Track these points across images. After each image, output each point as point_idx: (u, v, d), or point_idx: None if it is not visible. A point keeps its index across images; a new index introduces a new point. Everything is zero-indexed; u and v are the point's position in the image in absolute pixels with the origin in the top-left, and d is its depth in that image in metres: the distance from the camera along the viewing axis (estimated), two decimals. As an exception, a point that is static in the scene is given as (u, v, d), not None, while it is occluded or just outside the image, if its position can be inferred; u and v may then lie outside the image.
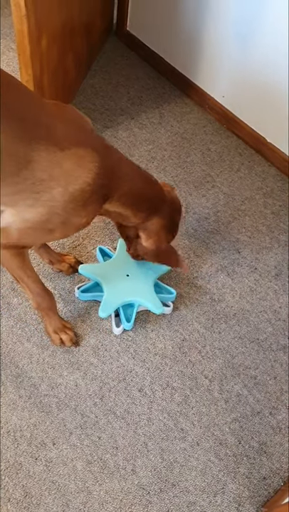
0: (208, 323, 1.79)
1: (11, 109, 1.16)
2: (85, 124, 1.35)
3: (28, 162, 1.19)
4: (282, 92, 1.97)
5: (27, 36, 1.61)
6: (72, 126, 1.28)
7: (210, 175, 2.15)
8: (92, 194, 1.28)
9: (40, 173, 1.20)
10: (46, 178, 1.21)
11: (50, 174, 1.21)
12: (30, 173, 1.20)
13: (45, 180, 1.22)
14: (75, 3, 1.93)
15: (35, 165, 1.19)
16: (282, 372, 1.73)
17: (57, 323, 1.65)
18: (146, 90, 2.35)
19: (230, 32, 2.00)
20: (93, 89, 2.31)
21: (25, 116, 1.19)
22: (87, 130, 1.34)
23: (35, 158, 1.19)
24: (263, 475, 1.57)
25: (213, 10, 2.00)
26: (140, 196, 1.46)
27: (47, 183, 1.22)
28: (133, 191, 1.43)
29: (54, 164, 1.21)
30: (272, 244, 2.00)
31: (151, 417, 1.61)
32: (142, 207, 1.47)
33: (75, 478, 1.50)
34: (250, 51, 1.99)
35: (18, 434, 1.55)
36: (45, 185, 1.22)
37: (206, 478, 1.54)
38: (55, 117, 1.25)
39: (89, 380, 1.65)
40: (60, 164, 1.21)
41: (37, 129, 1.20)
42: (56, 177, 1.22)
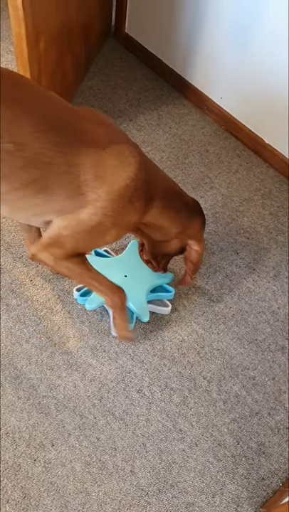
0: (206, 324, 1.80)
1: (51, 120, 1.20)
2: (116, 126, 1.39)
3: (72, 166, 1.21)
4: (280, 93, 1.97)
5: (25, 39, 1.62)
6: (106, 127, 1.31)
7: (208, 176, 2.15)
8: (136, 190, 1.29)
9: (85, 174, 1.23)
10: (91, 179, 1.24)
11: (94, 174, 1.23)
12: (76, 177, 1.22)
13: (89, 181, 1.24)
14: (73, 5, 1.93)
15: (80, 168, 1.22)
16: (280, 372, 1.73)
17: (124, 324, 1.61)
18: (144, 92, 2.36)
19: (228, 33, 2.01)
20: (91, 91, 2.32)
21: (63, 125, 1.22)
22: (119, 130, 1.38)
23: (77, 161, 1.21)
24: (261, 475, 1.57)
25: (211, 12, 2.01)
26: (177, 194, 1.47)
27: (92, 183, 1.24)
28: (170, 190, 1.45)
29: (97, 164, 1.24)
30: (270, 245, 2.00)
31: (150, 418, 1.61)
32: (180, 207, 1.46)
33: (74, 480, 1.51)
34: (248, 53, 1.99)
35: (16, 435, 1.55)
36: (90, 185, 1.24)
37: (205, 479, 1.54)
38: (89, 121, 1.28)
39: (88, 381, 1.65)
40: (104, 163, 1.24)
41: (76, 134, 1.23)
42: (101, 176, 1.24)
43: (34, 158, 1.17)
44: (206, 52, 2.16)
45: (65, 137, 1.21)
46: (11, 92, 1.17)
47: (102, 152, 1.24)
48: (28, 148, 1.16)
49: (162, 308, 1.76)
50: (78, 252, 1.39)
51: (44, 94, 1.26)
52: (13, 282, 1.78)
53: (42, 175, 1.20)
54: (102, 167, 1.24)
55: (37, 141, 1.16)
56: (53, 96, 1.29)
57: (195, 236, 1.53)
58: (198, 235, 1.53)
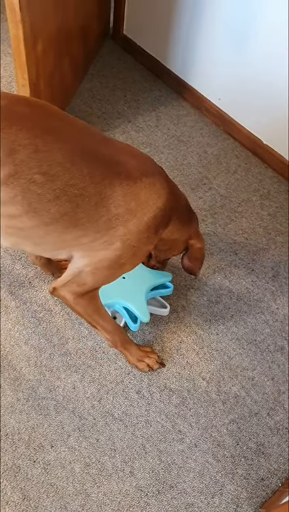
0: (205, 325, 1.80)
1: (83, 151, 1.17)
2: (147, 156, 1.37)
3: (104, 199, 1.19)
4: (278, 94, 1.97)
5: (22, 41, 1.62)
6: (138, 159, 1.30)
7: (207, 177, 2.15)
8: (162, 218, 1.30)
9: (116, 208, 1.21)
10: (122, 212, 1.22)
11: (126, 208, 1.22)
12: (107, 211, 1.21)
13: (120, 215, 1.22)
14: (71, 7, 1.94)
15: (111, 201, 1.20)
16: (279, 373, 1.74)
17: (137, 352, 1.65)
18: (142, 93, 2.36)
19: (226, 35, 2.01)
20: (90, 93, 2.33)
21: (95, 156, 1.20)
22: (151, 160, 1.36)
23: (109, 193, 1.19)
24: (261, 476, 1.57)
25: (208, 13, 2.01)
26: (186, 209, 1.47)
27: (123, 216, 1.23)
28: (184, 206, 1.45)
29: (129, 197, 1.22)
30: (269, 246, 2.00)
31: (149, 419, 1.61)
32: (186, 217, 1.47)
33: (73, 481, 1.51)
34: (246, 54, 2.00)
35: (16, 436, 1.55)
36: (121, 219, 1.23)
37: (204, 480, 1.55)
38: (122, 153, 1.27)
39: (87, 383, 1.65)
40: (136, 196, 1.23)
41: (108, 165, 1.21)
42: (132, 209, 1.23)
43: (65, 190, 1.14)
44: (204, 53, 2.16)
45: (96, 168, 1.18)
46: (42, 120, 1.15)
47: (133, 185, 1.23)
48: (58, 180, 1.13)
49: (161, 309, 1.76)
50: (97, 287, 1.38)
51: (77, 125, 1.25)
52: (11, 284, 1.78)
53: (73, 208, 1.17)
54: (134, 200, 1.23)
55: (67, 172, 1.13)
56: (87, 126, 1.28)
57: (196, 234, 1.53)
58: (196, 233, 1.53)
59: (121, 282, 1.69)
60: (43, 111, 1.20)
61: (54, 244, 1.28)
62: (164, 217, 1.32)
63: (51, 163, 1.12)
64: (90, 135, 1.26)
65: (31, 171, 1.10)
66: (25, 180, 1.11)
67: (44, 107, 1.22)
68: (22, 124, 1.10)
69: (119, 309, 1.69)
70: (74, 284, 1.35)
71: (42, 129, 1.13)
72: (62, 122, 1.21)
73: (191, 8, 2.06)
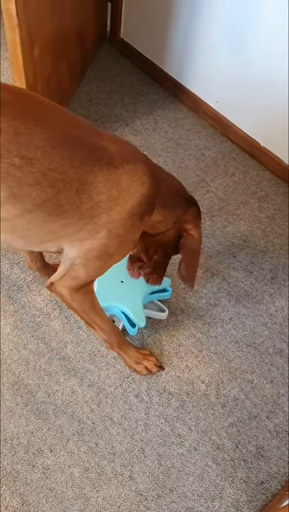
0: (204, 328, 1.80)
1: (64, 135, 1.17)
2: (131, 144, 1.37)
3: (85, 184, 1.18)
4: (275, 96, 1.98)
5: (19, 45, 1.63)
6: (121, 146, 1.29)
7: (204, 180, 2.16)
8: (146, 206, 1.28)
9: (98, 195, 1.20)
10: (104, 200, 1.21)
11: (108, 195, 1.21)
12: (88, 197, 1.19)
13: (102, 202, 1.21)
14: (68, 11, 1.94)
15: (92, 187, 1.19)
16: (278, 375, 1.73)
17: (135, 354, 1.64)
18: (140, 97, 2.36)
19: (223, 38, 2.01)
20: (87, 97, 2.33)
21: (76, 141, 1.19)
22: (134, 148, 1.36)
23: (90, 180, 1.18)
24: (260, 479, 1.57)
25: (205, 16, 2.02)
26: (176, 193, 1.45)
27: (105, 203, 1.21)
28: (171, 189, 1.43)
29: (111, 184, 1.21)
30: (267, 248, 2.00)
31: (148, 422, 1.61)
32: (179, 201, 1.46)
33: (73, 485, 1.50)
34: (243, 56, 2.00)
35: (15, 441, 1.55)
36: (103, 206, 1.21)
37: (204, 483, 1.54)
38: (104, 139, 1.26)
39: (86, 387, 1.65)
40: (117, 182, 1.22)
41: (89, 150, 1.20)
42: (114, 196, 1.22)
43: (45, 174, 1.13)
44: (201, 56, 2.16)
45: (77, 152, 1.17)
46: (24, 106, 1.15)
47: (114, 171, 1.21)
48: (38, 163, 1.12)
49: (159, 313, 1.76)
50: (91, 279, 1.37)
51: (60, 112, 1.24)
52: (10, 288, 1.78)
53: (55, 193, 1.16)
54: (115, 187, 1.22)
55: (47, 155, 1.13)
56: (71, 114, 1.27)
57: (191, 220, 1.48)
58: (194, 220, 1.49)
59: (119, 286, 1.69)
60: (27, 98, 1.20)
61: (40, 236, 1.27)
62: (149, 205, 1.30)
63: (30, 146, 1.11)
64: (73, 122, 1.26)
65: (10, 155, 1.10)
66: (4, 164, 1.10)
67: (28, 94, 1.23)
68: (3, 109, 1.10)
69: (118, 313, 1.69)
70: (68, 278, 1.35)
71: (23, 113, 1.13)
72: (46, 109, 1.21)
73: (188, 12, 2.06)
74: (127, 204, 1.24)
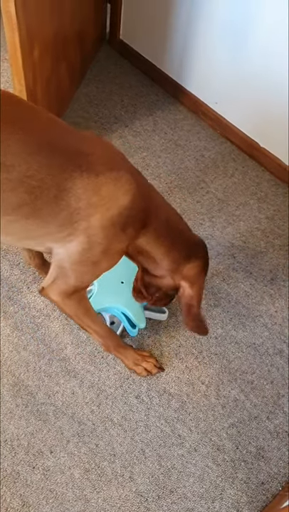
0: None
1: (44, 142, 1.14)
2: (118, 151, 1.33)
3: (63, 191, 1.16)
4: (274, 97, 1.98)
5: (19, 47, 1.63)
6: (105, 152, 1.25)
7: (204, 181, 2.16)
8: (129, 217, 1.24)
9: (78, 202, 1.17)
10: (84, 206, 1.18)
11: (87, 202, 1.18)
12: (67, 204, 1.17)
13: (82, 209, 1.18)
14: (67, 12, 1.94)
15: (71, 194, 1.17)
16: (278, 376, 1.73)
17: (133, 355, 1.64)
18: (139, 98, 2.37)
19: (222, 39, 2.02)
20: (87, 98, 2.33)
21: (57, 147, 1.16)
22: (120, 156, 1.32)
23: (69, 186, 1.16)
24: (261, 480, 1.56)
25: (205, 17, 2.02)
26: (177, 230, 1.38)
27: (84, 210, 1.19)
28: (170, 222, 1.37)
29: (90, 191, 1.18)
30: (267, 249, 2.00)
31: (149, 423, 1.61)
32: (178, 243, 1.38)
33: (73, 487, 1.50)
34: (242, 58, 2.00)
35: (15, 442, 1.55)
36: (82, 213, 1.19)
37: (204, 484, 1.54)
38: (88, 145, 1.23)
39: (86, 388, 1.65)
40: (98, 190, 1.18)
41: (70, 157, 1.17)
42: (93, 204, 1.19)
43: (22, 180, 1.12)
44: (200, 57, 2.17)
45: (56, 159, 1.15)
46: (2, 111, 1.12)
47: (95, 178, 1.18)
48: (15, 170, 1.11)
49: (159, 314, 1.76)
50: (80, 285, 1.36)
51: (41, 116, 1.21)
52: (10, 289, 1.78)
53: (31, 200, 1.14)
54: (96, 195, 1.18)
55: (24, 162, 1.11)
56: (53, 118, 1.24)
57: (190, 277, 1.40)
58: (194, 278, 1.41)
59: (119, 287, 1.69)
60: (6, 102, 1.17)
61: (22, 236, 1.26)
62: (132, 217, 1.24)
63: (7, 154, 1.10)
64: (55, 126, 1.23)
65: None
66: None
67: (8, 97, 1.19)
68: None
69: (118, 314, 1.69)
70: (59, 283, 1.34)
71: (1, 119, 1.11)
72: (25, 113, 1.19)
73: (187, 13, 2.06)
74: (108, 212, 1.20)
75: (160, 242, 1.36)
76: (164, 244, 1.36)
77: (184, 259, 1.39)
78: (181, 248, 1.39)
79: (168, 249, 1.37)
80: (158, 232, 1.34)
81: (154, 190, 1.39)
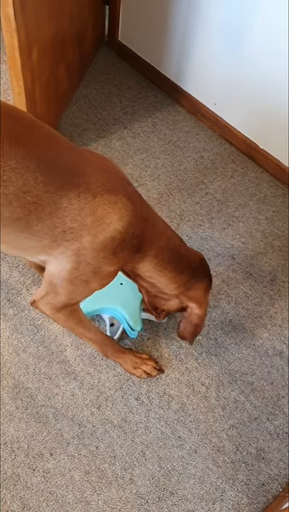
0: (203, 330, 1.80)
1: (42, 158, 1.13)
2: (120, 173, 1.31)
3: (58, 209, 1.15)
4: (273, 99, 1.98)
5: (17, 49, 1.62)
6: (106, 174, 1.24)
7: (203, 182, 2.16)
8: (122, 242, 1.23)
9: (72, 221, 1.17)
10: (77, 227, 1.18)
11: (81, 223, 1.17)
12: (61, 222, 1.17)
13: (75, 229, 1.18)
14: (66, 14, 1.95)
15: (67, 213, 1.16)
16: (278, 377, 1.73)
17: (131, 359, 1.64)
18: (138, 99, 2.37)
19: (221, 40, 2.02)
20: (86, 100, 2.33)
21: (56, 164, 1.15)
22: (121, 179, 1.30)
23: (64, 205, 1.15)
24: (261, 481, 1.56)
25: (203, 19, 2.02)
26: (179, 255, 1.37)
27: (77, 231, 1.18)
28: (171, 247, 1.35)
29: (86, 212, 1.17)
30: (266, 250, 2.00)
31: (149, 425, 1.61)
32: (181, 268, 1.37)
33: (73, 489, 1.50)
34: (240, 59, 2.00)
35: (15, 445, 1.54)
36: (75, 233, 1.18)
37: (205, 486, 1.54)
38: (88, 165, 1.21)
39: (86, 390, 1.65)
40: (92, 211, 1.17)
41: (68, 175, 1.16)
42: (87, 225, 1.18)
43: (18, 196, 1.11)
44: (199, 58, 2.17)
45: (53, 177, 1.14)
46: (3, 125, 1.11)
47: (92, 199, 1.17)
48: (11, 185, 1.10)
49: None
50: (71, 301, 1.36)
51: (42, 131, 1.20)
52: (9, 292, 1.78)
53: (25, 214, 1.14)
54: (91, 216, 1.17)
55: (21, 178, 1.11)
56: (54, 134, 1.23)
57: (197, 299, 1.42)
58: (200, 298, 1.43)
59: (117, 288, 1.69)
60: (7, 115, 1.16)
61: (14, 244, 1.25)
62: (125, 242, 1.24)
63: (6, 168, 1.09)
64: (55, 143, 1.21)
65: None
66: None
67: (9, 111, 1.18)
68: None
69: (117, 316, 1.68)
70: (49, 297, 1.34)
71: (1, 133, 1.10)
72: (26, 128, 1.17)
73: (185, 14, 2.07)
74: (100, 235, 1.19)
75: (162, 269, 1.35)
76: (167, 270, 1.36)
77: (189, 281, 1.40)
78: (185, 271, 1.38)
79: (172, 275, 1.37)
80: (159, 259, 1.33)
81: (153, 213, 1.36)
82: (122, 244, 1.24)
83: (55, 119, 2.19)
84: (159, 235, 1.33)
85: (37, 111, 1.92)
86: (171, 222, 2.02)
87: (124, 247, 1.25)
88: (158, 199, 2.09)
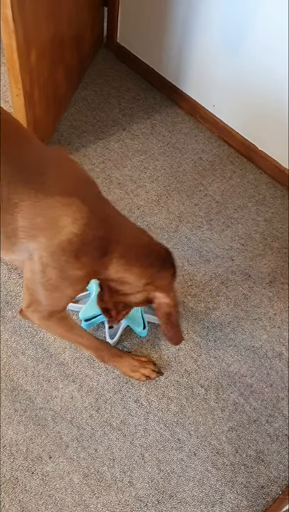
0: (203, 332, 1.79)
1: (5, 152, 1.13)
2: (83, 176, 1.29)
3: (11, 205, 1.14)
4: (271, 99, 1.98)
5: (16, 51, 1.62)
6: (66, 175, 1.23)
7: (202, 184, 2.15)
8: (82, 245, 1.21)
9: (22, 219, 1.15)
10: (27, 226, 1.16)
11: (31, 222, 1.16)
12: (12, 218, 1.15)
13: (26, 228, 1.17)
14: (64, 16, 1.94)
15: (17, 210, 1.15)
16: (278, 379, 1.73)
17: (129, 362, 1.63)
18: (137, 101, 2.37)
19: (220, 41, 2.02)
20: (85, 102, 2.33)
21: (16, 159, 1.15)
22: (83, 181, 1.28)
23: (15, 201, 1.14)
24: (260, 484, 1.56)
25: (202, 20, 2.02)
26: (146, 250, 1.34)
27: (29, 231, 1.17)
28: (137, 244, 1.33)
29: (34, 211, 1.15)
30: (265, 252, 2.00)
31: (148, 427, 1.61)
32: (150, 261, 1.33)
33: (72, 492, 1.50)
34: (239, 60, 2.00)
35: (14, 448, 1.54)
36: (27, 233, 1.17)
37: (204, 489, 1.53)
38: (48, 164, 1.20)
39: (84, 392, 1.64)
40: (42, 211, 1.16)
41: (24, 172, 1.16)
42: (39, 226, 1.16)
43: None
44: (197, 60, 2.17)
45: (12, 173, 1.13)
46: None
47: (42, 199, 1.15)
48: None
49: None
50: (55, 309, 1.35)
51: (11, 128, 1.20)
52: (8, 294, 1.78)
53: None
54: (40, 216, 1.16)
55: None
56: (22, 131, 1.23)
57: (163, 288, 1.36)
58: (166, 287, 1.37)
59: None
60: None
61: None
62: (86, 245, 1.21)
63: None
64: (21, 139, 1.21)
65: None
66: None
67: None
68: None
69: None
70: (33, 307, 1.33)
71: None
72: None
73: (184, 16, 2.07)
74: (55, 238, 1.18)
75: (130, 267, 1.31)
76: (135, 267, 1.31)
77: (156, 273, 1.35)
78: (152, 263, 1.34)
79: (141, 270, 1.32)
80: (125, 257, 1.29)
81: (116, 212, 1.34)
82: (83, 248, 1.21)
83: (54, 121, 2.18)
84: (123, 233, 1.31)
85: (36, 113, 1.92)
86: (170, 224, 2.02)
87: (85, 250, 1.22)
88: (157, 201, 2.08)
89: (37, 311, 1.35)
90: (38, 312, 1.35)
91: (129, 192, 2.10)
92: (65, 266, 1.22)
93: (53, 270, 1.22)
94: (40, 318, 1.37)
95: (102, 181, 2.11)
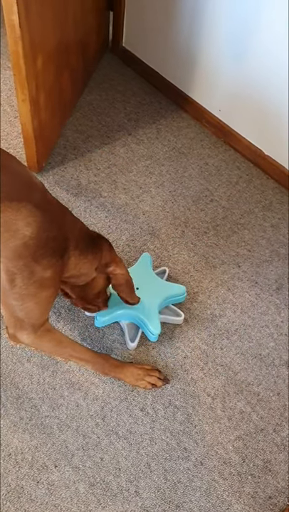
0: (209, 340, 1.78)
1: None
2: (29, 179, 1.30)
3: None
4: (278, 104, 1.97)
5: (22, 57, 1.62)
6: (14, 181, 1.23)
7: (208, 189, 2.14)
8: (39, 248, 1.23)
9: None
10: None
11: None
12: None
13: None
14: (70, 21, 1.94)
15: None
16: (285, 388, 1.71)
17: (133, 372, 1.62)
18: (142, 106, 2.36)
19: (225, 46, 2.01)
20: (90, 106, 2.32)
21: None
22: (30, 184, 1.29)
23: None
24: (268, 494, 1.54)
25: (207, 24, 2.01)
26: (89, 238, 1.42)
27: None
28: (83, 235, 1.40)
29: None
30: (272, 258, 1.99)
31: (154, 436, 1.59)
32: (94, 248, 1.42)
33: (78, 502, 1.48)
34: (245, 64, 1.99)
35: (19, 456, 1.53)
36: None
37: (211, 499, 1.52)
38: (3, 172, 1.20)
39: (90, 400, 1.63)
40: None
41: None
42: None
43: None
44: (203, 65, 2.16)
45: None
46: None
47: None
48: None
49: (175, 318, 1.76)
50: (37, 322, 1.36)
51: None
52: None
53: None
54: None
55: None
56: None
57: (112, 260, 1.47)
58: (113, 258, 1.48)
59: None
60: None
61: None
62: (42, 247, 1.23)
63: None
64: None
65: None
66: None
67: None
68: None
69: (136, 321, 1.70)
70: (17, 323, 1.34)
71: None
72: None
73: (189, 20, 2.06)
74: (9, 243, 1.19)
75: (84, 257, 1.39)
76: (88, 257, 1.40)
77: (99, 254, 1.44)
78: (97, 248, 1.43)
79: (92, 257, 1.41)
80: (79, 249, 1.37)
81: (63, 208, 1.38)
82: (41, 250, 1.23)
83: (60, 125, 2.18)
84: (72, 228, 1.36)
85: (41, 118, 1.91)
86: (176, 230, 2.01)
87: (43, 252, 1.24)
88: (162, 206, 2.07)
89: (22, 329, 1.35)
90: (24, 330, 1.35)
91: (135, 197, 2.08)
92: (27, 270, 1.23)
93: (17, 276, 1.23)
94: (28, 336, 1.37)
95: (108, 186, 2.10)
